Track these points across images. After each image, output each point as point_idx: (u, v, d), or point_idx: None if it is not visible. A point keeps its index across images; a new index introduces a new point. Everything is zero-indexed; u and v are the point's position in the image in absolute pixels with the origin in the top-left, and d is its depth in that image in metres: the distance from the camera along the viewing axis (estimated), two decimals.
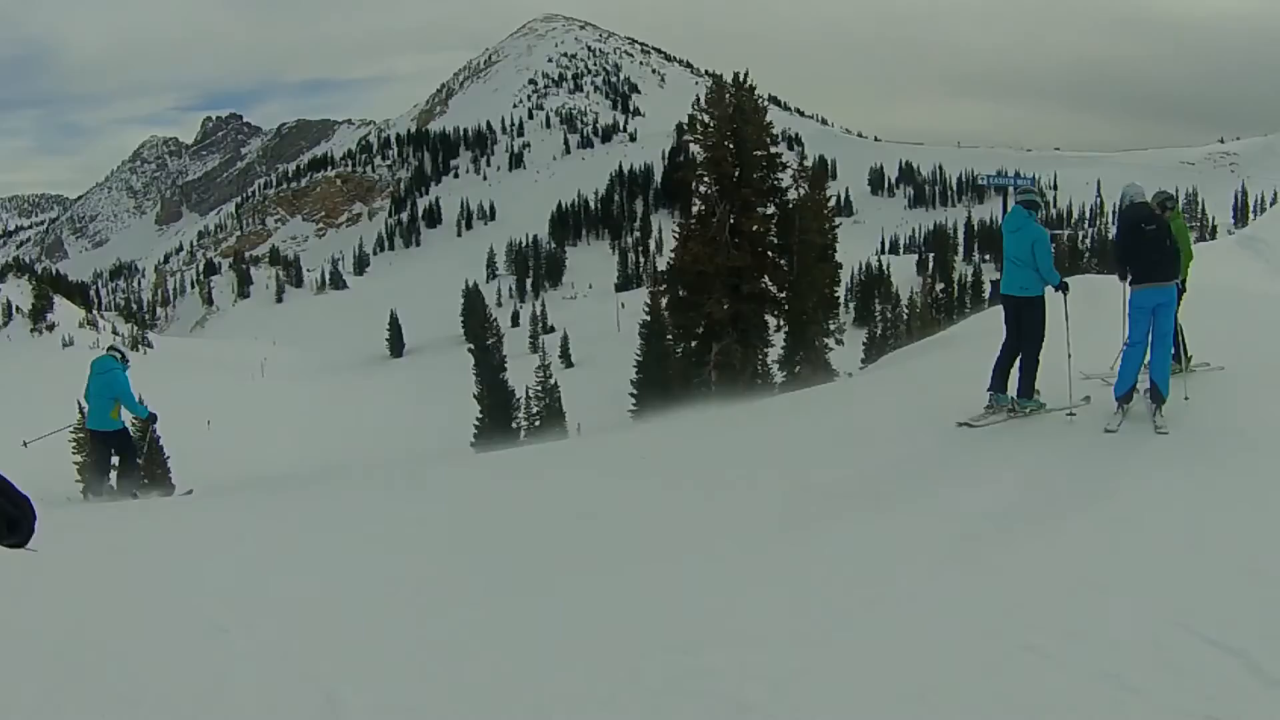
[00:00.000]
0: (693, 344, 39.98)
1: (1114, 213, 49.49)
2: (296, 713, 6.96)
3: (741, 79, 37.67)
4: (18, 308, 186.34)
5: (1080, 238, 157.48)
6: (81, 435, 59.96)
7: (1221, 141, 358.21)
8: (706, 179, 37.40)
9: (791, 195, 38.48)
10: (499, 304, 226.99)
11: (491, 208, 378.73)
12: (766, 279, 37.44)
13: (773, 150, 37.54)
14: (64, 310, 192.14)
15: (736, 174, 36.24)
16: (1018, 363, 13.90)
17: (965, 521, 10.32)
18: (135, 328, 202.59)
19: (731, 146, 36.24)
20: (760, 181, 36.79)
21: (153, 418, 19.11)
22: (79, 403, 18.06)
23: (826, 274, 40.25)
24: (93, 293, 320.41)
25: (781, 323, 38.88)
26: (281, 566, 10.94)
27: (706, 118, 37.15)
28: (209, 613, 8.81)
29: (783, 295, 37.31)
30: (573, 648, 7.89)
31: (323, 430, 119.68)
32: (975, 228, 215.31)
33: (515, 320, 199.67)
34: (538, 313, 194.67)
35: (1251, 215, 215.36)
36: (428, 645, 8.11)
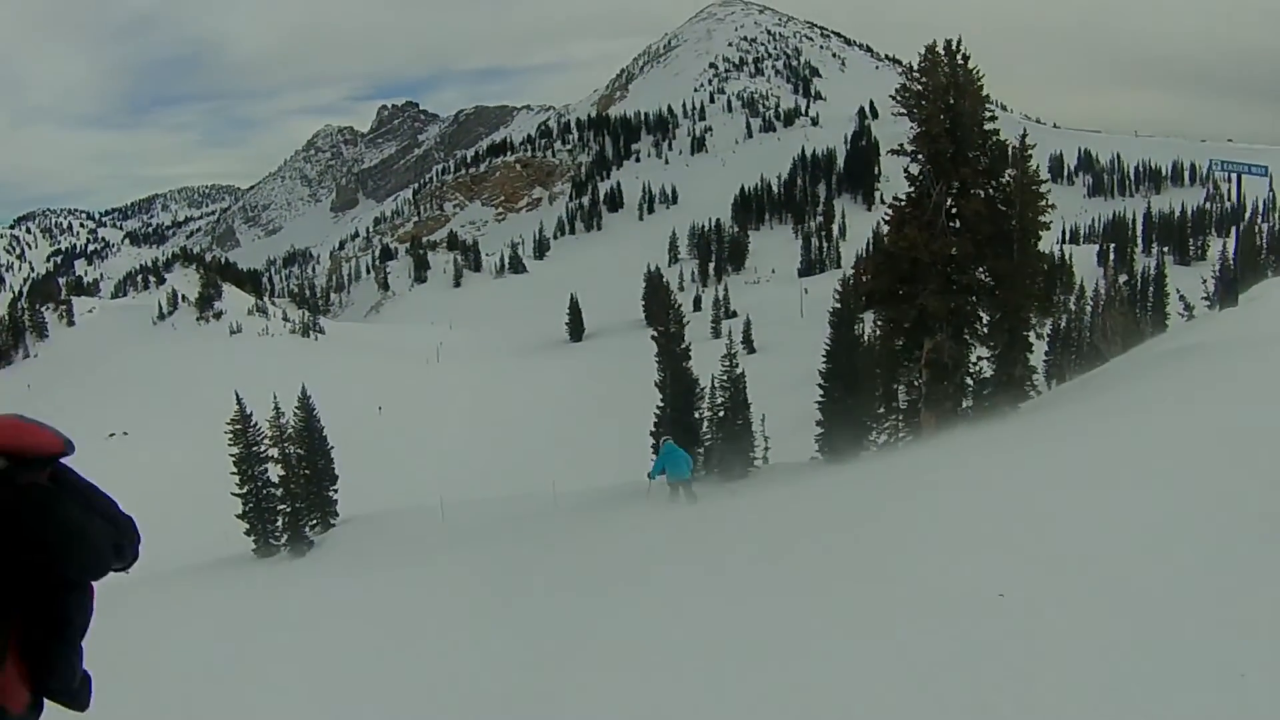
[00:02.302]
0: (899, 341, 36.98)
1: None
2: None
3: (955, 47, 34.36)
4: (184, 296, 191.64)
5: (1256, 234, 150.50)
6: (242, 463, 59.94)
7: None
8: (920, 156, 34.17)
9: (1007, 175, 35.25)
10: (680, 288, 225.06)
11: (674, 191, 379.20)
12: (981, 270, 34.25)
13: (989, 127, 34.24)
14: (232, 298, 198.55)
15: (951, 152, 33.21)
16: None
17: None
18: (306, 313, 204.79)
19: (946, 121, 33.11)
20: (977, 160, 33.63)
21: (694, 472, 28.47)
22: None
23: (1040, 264, 36.97)
24: (265, 280, 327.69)
25: (991, 318, 35.63)
26: None
27: (919, 88, 33.92)
28: None
29: (997, 288, 34.19)
30: None
31: (497, 416, 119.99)
32: (1155, 218, 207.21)
33: (697, 305, 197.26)
34: (720, 297, 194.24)
35: None
36: None
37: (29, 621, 0.73)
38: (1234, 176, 34.93)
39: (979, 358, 36.27)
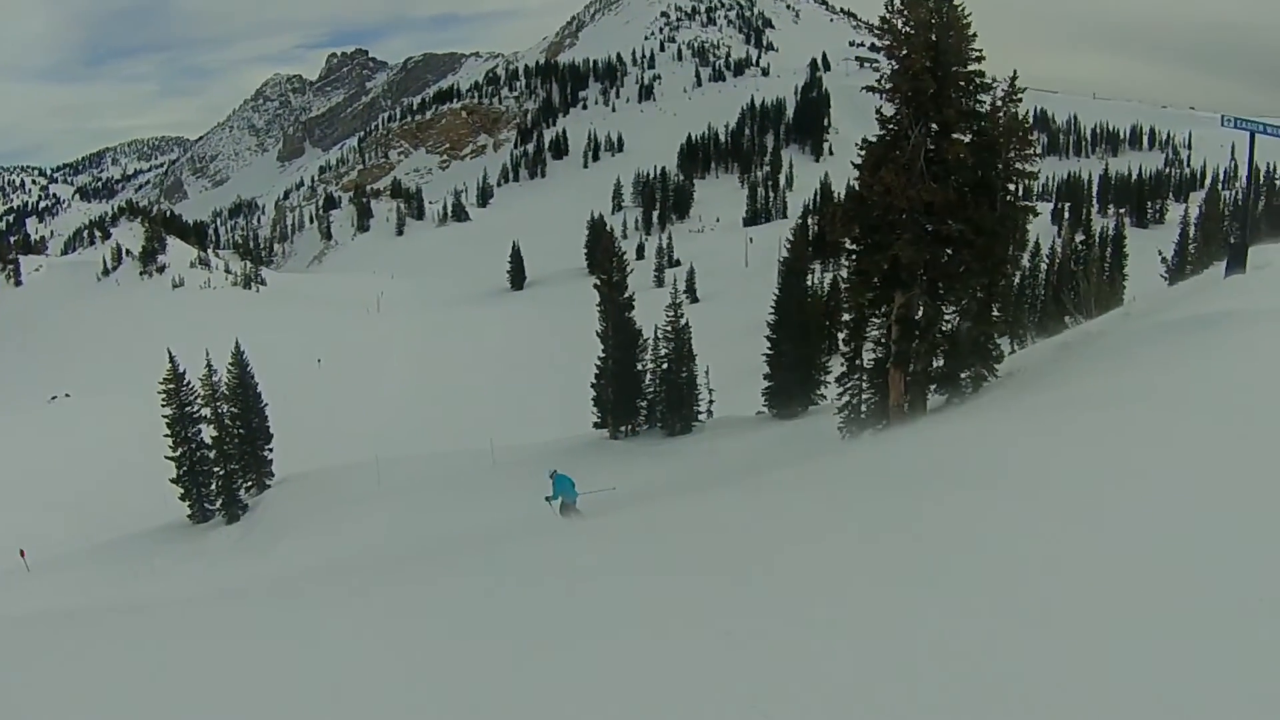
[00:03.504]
0: (868, 295, 33.56)
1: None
2: None
3: None
4: (128, 251, 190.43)
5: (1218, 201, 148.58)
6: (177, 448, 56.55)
7: None
8: (897, 96, 30.81)
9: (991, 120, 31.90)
10: (624, 236, 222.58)
11: (619, 139, 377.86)
12: (958, 220, 30.82)
13: (975, 68, 30.88)
14: (177, 251, 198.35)
15: (933, 90, 29.88)
16: None
17: None
18: (249, 265, 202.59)
19: (927, 59, 29.75)
20: (959, 102, 30.28)
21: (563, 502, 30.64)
22: None
23: (1024, 215, 33.37)
24: (210, 232, 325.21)
25: (969, 272, 32.19)
26: None
27: (901, 22, 30.55)
28: None
29: (979, 239, 30.89)
30: None
31: (437, 367, 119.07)
32: (1112, 180, 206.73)
33: (640, 253, 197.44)
34: (664, 245, 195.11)
35: None
36: None
37: None
38: (1249, 135, 31.24)
39: (948, 314, 33.07)
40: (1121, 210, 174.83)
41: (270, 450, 66.07)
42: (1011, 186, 31.96)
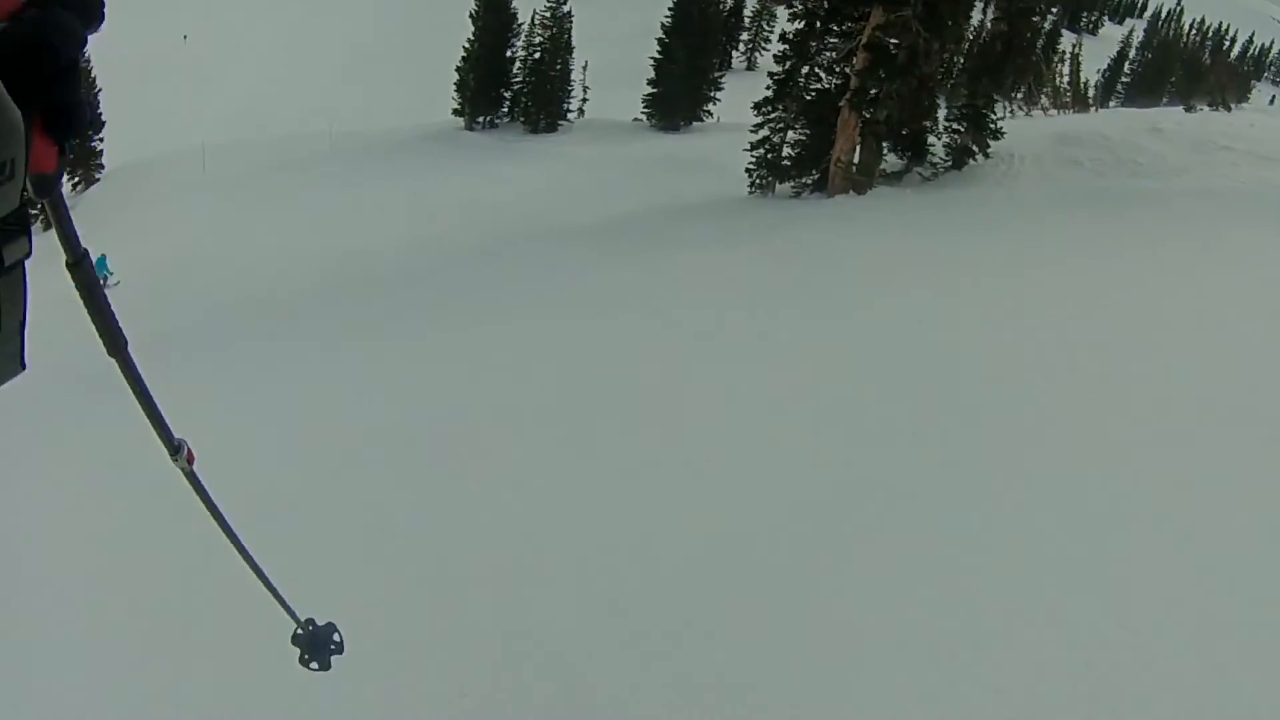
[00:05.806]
0: (824, 4, 24.20)
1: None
2: None
3: None
4: None
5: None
6: None
7: None
8: None
9: None
10: None
11: None
12: None
13: None
14: None
15: None
16: None
17: None
18: None
19: None
20: None
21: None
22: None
23: None
24: None
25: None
26: None
27: None
28: None
29: None
30: None
31: (305, 45, 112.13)
32: None
33: None
34: None
35: None
36: None
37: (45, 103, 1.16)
38: None
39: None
40: (1055, 9, 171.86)
41: (101, 140, 57.52)
42: None
